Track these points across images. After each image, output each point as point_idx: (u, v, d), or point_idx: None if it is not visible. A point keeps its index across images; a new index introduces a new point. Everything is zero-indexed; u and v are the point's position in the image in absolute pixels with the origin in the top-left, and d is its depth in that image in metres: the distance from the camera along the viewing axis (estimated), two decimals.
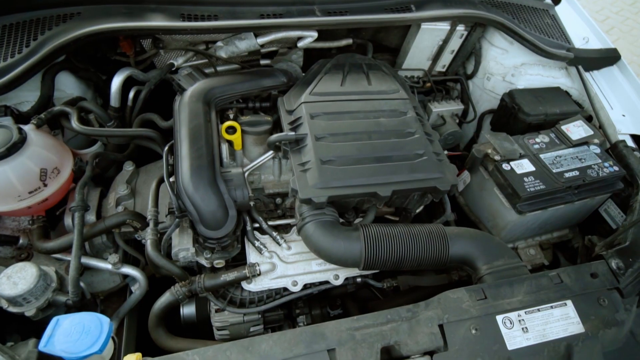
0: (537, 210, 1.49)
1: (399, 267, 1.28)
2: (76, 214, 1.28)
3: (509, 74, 1.91)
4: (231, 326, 1.42)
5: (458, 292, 1.17)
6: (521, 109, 1.76)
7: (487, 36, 1.95)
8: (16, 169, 1.23)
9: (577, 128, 1.66)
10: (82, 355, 1.00)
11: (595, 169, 1.54)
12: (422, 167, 1.38)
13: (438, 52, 1.96)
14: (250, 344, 1.03)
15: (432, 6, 1.73)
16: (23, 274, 1.19)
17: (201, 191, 1.22)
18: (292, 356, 1.02)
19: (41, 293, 1.22)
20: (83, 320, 1.05)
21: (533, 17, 1.94)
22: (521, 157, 1.56)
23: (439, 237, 1.28)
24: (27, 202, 1.27)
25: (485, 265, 1.27)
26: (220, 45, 1.75)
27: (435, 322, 1.11)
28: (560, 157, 1.58)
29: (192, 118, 1.34)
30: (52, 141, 1.36)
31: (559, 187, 1.48)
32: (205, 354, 1.01)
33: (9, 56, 1.37)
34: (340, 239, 1.24)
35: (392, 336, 1.09)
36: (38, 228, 1.36)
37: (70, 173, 1.38)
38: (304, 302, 1.57)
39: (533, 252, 1.72)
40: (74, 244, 1.23)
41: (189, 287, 1.28)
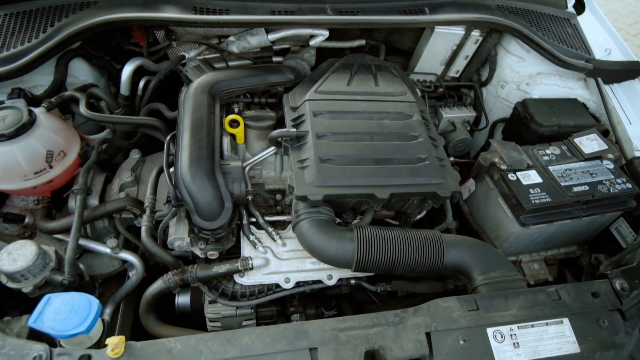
0: (542, 224, 1.45)
1: (392, 271, 1.26)
2: (78, 197, 1.31)
3: (524, 82, 1.86)
4: (223, 318, 1.42)
5: (449, 301, 1.14)
6: (533, 119, 1.71)
7: (504, 43, 1.91)
8: (23, 150, 1.27)
9: (590, 141, 1.60)
10: (69, 334, 1.02)
11: (606, 184, 1.48)
12: (423, 171, 1.35)
13: (452, 57, 1.93)
14: (233, 336, 1.03)
15: (446, 10, 1.71)
16: (23, 251, 1.23)
17: (198, 181, 1.23)
18: (273, 352, 1.01)
19: (39, 271, 1.25)
20: (73, 300, 1.07)
21: (553, 25, 1.89)
22: (529, 167, 1.52)
23: (434, 243, 1.25)
24: (33, 182, 1.31)
25: (480, 276, 1.24)
26: (232, 40, 1.76)
27: (422, 330, 1.09)
28: (571, 170, 1.53)
29: (196, 109, 1.35)
30: (60, 125, 1.39)
31: (566, 201, 1.43)
32: (187, 343, 1.01)
33: (26, 41, 1.42)
34: (334, 239, 1.23)
35: (377, 340, 1.07)
36: (42, 208, 1.40)
37: (77, 157, 1.42)
38: (298, 300, 1.57)
39: (537, 267, 1.67)
40: (73, 226, 1.26)
41: (181, 276, 1.29)
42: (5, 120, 1.26)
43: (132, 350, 0.99)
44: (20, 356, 0.96)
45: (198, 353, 1.00)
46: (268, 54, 1.90)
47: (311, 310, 1.58)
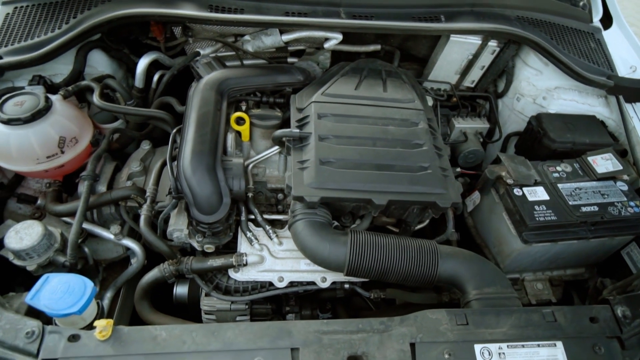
0: (546, 242, 1.40)
1: (385, 278, 1.25)
2: (85, 183, 1.36)
3: (540, 96, 1.81)
4: (218, 312, 1.44)
5: (438, 313, 1.13)
6: (547, 134, 1.66)
7: (522, 55, 1.86)
8: (38, 134, 1.33)
9: (605, 161, 1.54)
10: (62, 313, 1.06)
11: (617, 206, 1.43)
12: (424, 180, 1.34)
13: (467, 67, 1.90)
14: (217, 329, 1.05)
15: (463, 18, 1.68)
16: (30, 231, 1.28)
17: (198, 175, 1.26)
18: (255, 348, 1.02)
19: (43, 251, 1.30)
20: (69, 281, 1.11)
21: (575, 39, 1.83)
22: (536, 184, 1.48)
23: (429, 253, 1.23)
24: (44, 166, 1.37)
25: (474, 290, 1.21)
26: (248, 39, 1.79)
27: (407, 340, 1.07)
28: (581, 189, 1.47)
29: (203, 105, 1.38)
30: (75, 113, 1.45)
31: (572, 220, 1.38)
32: (172, 331, 1.03)
33: (50, 31, 1.49)
34: (327, 241, 1.23)
35: (361, 346, 1.06)
36: (53, 191, 1.46)
37: (88, 144, 1.47)
38: (295, 301, 1.57)
39: (540, 286, 1.62)
40: (78, 210, 1.31)
41: (177, 266, 1.32)
42: (22, 105, 1.32)
43: (119, 334, 1.02)
44: (14, 330, 1.00)
45: (181, 343, 1.02)
46: (283, 55, 1.92)
47: (307, 311, 1.58)
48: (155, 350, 1.00)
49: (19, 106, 1.32)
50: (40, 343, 0.99)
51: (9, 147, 1.32)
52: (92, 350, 0.99)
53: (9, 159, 1.34)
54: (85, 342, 1.00)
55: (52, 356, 0.97)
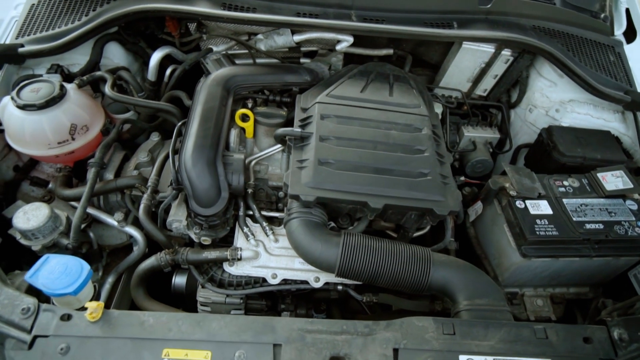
0: (546, 258, 1.37)
1: (375, 282, 1.25)
2: (92, 169, 1.41)
3: (553, 108, 1.77)
4: (213, 304, 1.47)
5: (425, 321, 1.11)
6: (556, 147, 1.62)
7: (537, 65, 1.83)
8: (50, 120, 1.38)
9: (615, 178, 1.49)
10: (58, 292, 1.10)
11: (624, 226, 1.38)
12: (423, 186, 1.33)
13: (480, 75, 1.87)
14: (203, 319, 1.07)
15: (476, 26, 1.66)
16: (37, 212, 1.34)
17: (198, 168, 1.28)
18: (237, 341, 1.04)
19: (49, 232, 1.36)
20: (68, 263, 1.15)
21: (594, 52, 1.78)
22: (540, 197, 1.44)
23: (421, 260, 1.22)
24: (55, 151, 1.43)
25: (465, 301, 1.19)
26: (261, 38, 1.82)
27: (391, 345, 1.07)
28: (587, 206, 1.43)
29: (208, 100, 1.41)
30: (88, 102, 1.51)
31: (575, 237, 1.35)
32: (159, 318, 1.06)
33: (70, 22, 1.56)
34: (320, 241, 1.24)
35: (344, 348, 1.06)
36: (62, 176, 1.52)
37: (99, 133, 1.52)
38: (291, 299, 1.59)
39: (541, 303, 1.57)
40: (83, 195, 1.36)
41: (173, 256, 1.35)
42: (38, 92, 1.39)
43: (108, 317, 1.05)
44: (12, 306, 1.05)
45: (167, 330, 1.04)
46: (296, 55, 1.94)
47: (302, 310, 1.59)
48: (141, 335, 1.03)
49: (35, 93, 1.38)
50: (34, 320, 1.03)
51: (23, 131, 1.38)
52: (82, 330, 1.02)
53: (22, 143, 1.41)
54: (76, 322, 1.03)
55: (44, 333, 1.01)
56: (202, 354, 1.02)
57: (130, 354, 1.01)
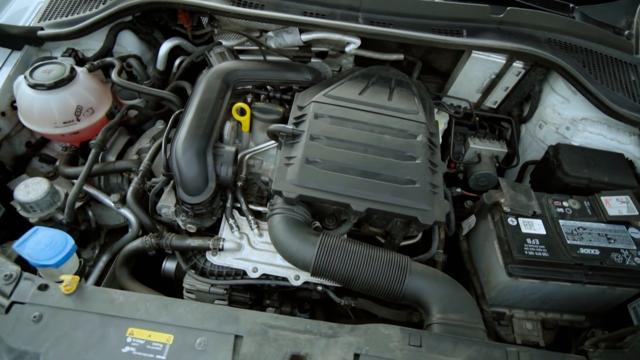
0: (534, 279, 1.31)
1: (349, 285, 1.23)
2: (92, 150, 1.47)
3: (564, 126, 1.69)
4: (197, 292, 1.49)
5: (391, 329, 1.09)
6: (561, 166, 1.55)
7: (550, 80, 1.76)
8: (58, 101, 1.45)
9: (620, 203, 1.41)
10: (41, 263, 1.16)
11: (623, 254, 1.30)
12: (410, 194, 1.30)
13: (490, 86, 1.82)
14: (171, 303, 1.09)
15: (486, 35, 1.62)
16: (37, 187, 1.41)
17: (187, 156, 1.31)
18: (200, 328, 1.05)
19: (46, 207, 1.42)
20: (54, 236, 1.21)
21: (615, 70, 1.69)
22: (535, 216, 1.39)
23: (397, 267, 1.20)
24: (61, 130, 1.50)
25: (439, 314, 1.16)
26: (271, 36, 1.84)
27: (352, 350, 1.05)
28: (585, 229, 1.36)
29: (206, 91, 1.44)
30: (96, 86, 1.57)
31: (566, 261, 1.28)
32: (129, 298, 1.09)
33: (88, 9, 1.63)
34: (297, 239, 1.24)
35: (305, 347, 1.06)
36: (67, 155, 1.59)
37: (104, 116, 1.59)
38: (277, 295, 1.59)
39: (530, 326, 1.51)
40: (81, 174, 1.42)
41: (158, 240, 1.39)
42: (49, 73, 1.46)
43: (82, 291, 1.09)
44: None
45: (135, 310, 1.07)
46: (307, 55, 1.95)
47: (287, 307, 1.59)
48: (109, 311, 1.06)
49: (47, 74, 1.46)
50: (15, 286, 1.08)
51: (32, 109, 1.46)
52: (56, 301, 1.07)
53: (31, 120, 1.49)
54: (52, 292, 1.08)
55: (21, 300, 1.06)
56: (164, 336, 1.04)
57: (97, 329, 1.04)
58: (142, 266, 1.65)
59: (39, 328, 1.03)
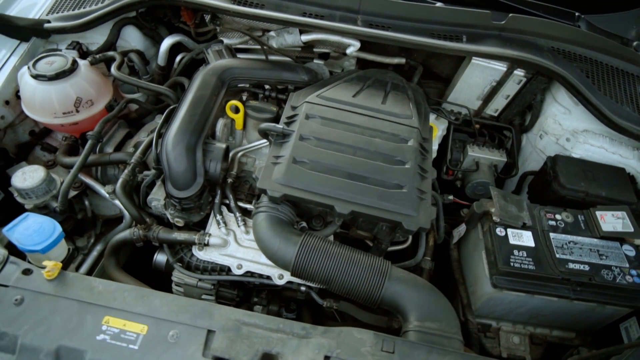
0: (518, 292, 1.28)
1: (328, 286, 1.23)
2: (89, 141, 1.50)
3: (564, 137, 1.65)
4: (185, 285, 1.51)
5: (365, 334, 1.08)
6: (557, 178, 1.52)
7: (553, 90, 1.72)
8: (58, 91, 1.49)
9: (615, 219, 1.37)
10: (27, 248, 1.19)
11: (614, 271, 1.26)
12: (396, 198, 1.29)
13: (490, 94, 1.79)
14: (148, 294, 1.11)
15: (487, 42, 1.59)
16: (34, 174, 1.45)
17: (177, 151, 1.33)
18: (174, 321, 1.06)
19: (41, 194, 1.46)
20: (43, 223, 1.24)
21: (621, 82, 1.64)
22: (524, 227, 1.36)
23: (377, 272, 1.19)
24: (60, 121, 1.54)
25: (416, 321, 1.15)
26: (273, 36, 1.85)
27: (323, 352, 1.05)
28: (576, 244, 1.33)
29: (201, 87, 1.46)
30: (97, 78, 1.61)
31: (553, 275, 1.25)
32: (108, 287, 1.11)
33: (94, 4, 1.67)
34: (279, 237, 1.24)
35: (277, 346, 1.06)
36: (66, 145, 1.63)
37: (103, 109, 1.62)
38: (266, 294, 1.60)
39: (517, 340, 1.47)
40: (76, 164, 1.45)
41: (146, 232, 1.41)
42: (52, 65, 1.50)
43: (64, 277, 1.11)
44: None
45: (112, 299, 1.09)
46: (310, 56, 1.96)
47: (274, 306, 1.59)
48: (88, 299, 1.08)
49: (49, 65, 1.50)
50: (0, 269, 1.12)
51: (33, 99, 1.50)
52: (38, 286, 1.09)
53: (32, 109, 1.53)
54: (34, 277, 1.11)
55: (5, 282, 1.09)
56: (139, 327, 1.06)
57: (75, 315, 1.06)
58: (139, 258, 1.68)
59: (20, 311, 1.06)
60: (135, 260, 1.78)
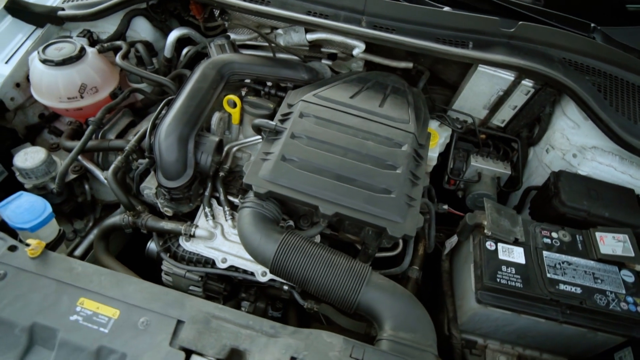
0: (504, 310, 1.23)
1: (305, 287, 1.21)
2: (89, 127, 1.54)
3: (570, 152, 1.58)
4: (174, 275, 1.53)
5: (335, 338, 1.06)
6: (558, 194, 1.45)
7: (563, 102, 1.64)
8: (64, 77, 1.54)
9: (615, 242, 1.30)
10: (17, 226, 1.23)
11: (609, 297, 1.19)
12: (383, 203, 1.26)
13: (497, 103, 1.73)
14: (123, 279, 1.12)
15: (494, 49, 1.54)
16: (35, 155, 1.49)
17: (169, 141, 1.35)
18: (145, 308, 1.07)
19: (41, 175, 1.51)
20: (34, 202, 1.28)
21: (637, 98, 1.56)
22: (516, 243, 1.30)
23: (355, 277, 1.17)
24: (65, 105, 1.58)
25: (390, 330, 1.11)
26: (280, 33, 1.85)
27: (290, 352, 1.03)
28: (570, 264, 1.26)
29: (200, 80, 1.47)
30: (103, 66, 1.65)
31: (541, 295, 1.19)
32: (87, 269, 1.13)
33: None
34: (260, 234, 1.23)
35: (245, 342, 1.05)
36: (70, 129, 1.68)
37: (107, 96, 1.66)
38: (255, 291, 1.60)
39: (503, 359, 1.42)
40: (75, 148, 1.49)
41: (135, 219, 1.43)
42: (60, 51, 1.55)
43: (46, 256, 1.14)
44: None
45: (89, 281, 1.11)
46: (318, 55, 1.95)
47: (262, 304, 1.59)
48: (66, 279, 1.10)
49: (58, 51, 1.55)
50: None
51: (41, 83, 1.55)
52: (21, 263, 1.12)
53: (40, 93, 1.58)
54: (18, 254, 1.14)
55: None
56: (111, 311, 1.07)
57: (52, 294, 1.08)
58: (138, 246, 1.71)
59: (1, 286, 1.09)
60: (133, 248, 1.82)
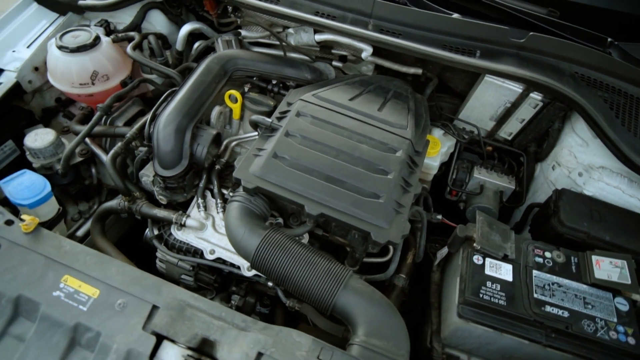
0: (486, 327, 1.19)
1: (284, 285, 1.22)
2: (97, 113, 1.60)
3: (576, 171, 1.51)
4: (167, 263, 1.57)
5: (304, 338, 1.06)
6: (558, 214, 1.39)
7: (573, 119, 1.58)
8: (77, 64, 1.61)
9: (612, 267, 1.23)
10: (16, 202, 1.29)
11: (598, 324, 1.14)
12: (370, 208, 1.25)
13: (504, 115, 1.68)
14: (107, 262, 1.15)
15: (502, 60, 1.50)
16: (44, 136, 1.57)
17: (166, 131, 1.38)
18: (124, 290, 1.10)
19: (49, 156, 1.58)
20: (35, 180, 1.34)
21: None
22: (505, 259, 1.26)
23: (333, 278, 1.16)
24: (77, 91, 1.65)
25: (363, 336, 1.10)
26: (291, 33, 1.87)
27: (258, 347, 1.04)
28: (561, 287, 1.21)
29: (203, 74, 1.51)
30: (116, 56, 1.71)
31: (524, 315, 1.15)
32: (75, 249, 1.17)
33: None
34: (245, 228, 1.24)
35: (216, 333, 1.06)
36: (81, 114, 1.75)
37: (118, 84, 1.72)
38: (246, 285, 1.62)
39: None
40: (81, 132, 1.55)
41: (130, 204, 1.47)
42: (76, 38, 1.62)
43: (39, 233, 1.19)
44: None
45: (75, 260, 1.15)
46: (329, 57, 1.95)
47: (252, 298, 1.61)
48: (54, 256, 1.15)
49: (74, 38, 1.62)
50: None
51: (56, 68, 1.63)
52: (14, 237, 1.18)
53: (54, 77, 1.66)
54: (13, 229, 1.19)
55: None
56: (92, 290, 1.11)
57: (39, 269, 1.13)
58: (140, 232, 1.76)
59: None
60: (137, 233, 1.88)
